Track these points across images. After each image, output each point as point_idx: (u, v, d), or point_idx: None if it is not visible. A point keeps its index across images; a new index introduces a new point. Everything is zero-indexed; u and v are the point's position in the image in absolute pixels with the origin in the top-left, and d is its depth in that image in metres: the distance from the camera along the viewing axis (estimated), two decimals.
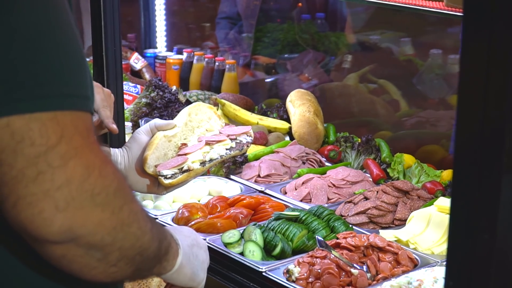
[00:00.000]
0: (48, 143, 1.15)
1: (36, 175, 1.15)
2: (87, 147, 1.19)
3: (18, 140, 1.14)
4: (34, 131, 1.15)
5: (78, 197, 1.17)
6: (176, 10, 4.65)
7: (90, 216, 1.19)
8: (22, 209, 1.16)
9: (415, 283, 2.15)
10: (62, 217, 1.16)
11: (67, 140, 1.17)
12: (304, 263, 2.29)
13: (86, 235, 1.20)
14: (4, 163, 1.15)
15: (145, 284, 2.40)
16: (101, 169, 1.20)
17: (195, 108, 1.99)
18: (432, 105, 3.35)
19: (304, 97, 3.47)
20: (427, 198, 2.78)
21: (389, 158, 3.12)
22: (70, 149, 1.17)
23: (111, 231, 1.22)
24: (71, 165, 1.16)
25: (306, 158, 3.20)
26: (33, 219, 1.16)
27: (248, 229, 2.49)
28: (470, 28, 1.04)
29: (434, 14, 2.42)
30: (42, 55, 1.17)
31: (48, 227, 1.16)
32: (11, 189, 1.15)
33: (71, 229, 1.18)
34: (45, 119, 1.15)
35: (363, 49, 3.69)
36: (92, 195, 1.18)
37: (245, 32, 4.13)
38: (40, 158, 1.15)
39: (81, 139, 1.19)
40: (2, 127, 1.14)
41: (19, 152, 1.14)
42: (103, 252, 1.24)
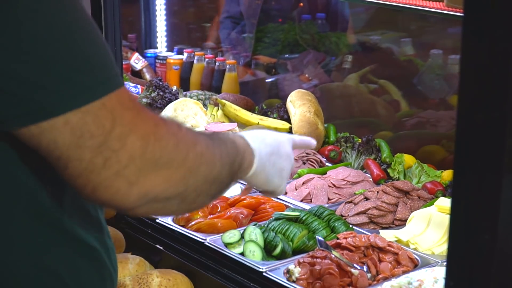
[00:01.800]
0: (105, 131, 1.25)
1: (104, 162, 1.25)
2: (137, 118, 1.28)
3: (78, 136, 1.23)
4: (90, 124, 1.24)
5: (144, 167, 1.28)
6: (176, 10, 4.64)
7: (159, 177, 1.30)
8: (101, 193, 1.28)
9: (415, 283, 2.15)
10: (136, 188, 1.29)
11: (119, 121, 1.26)
12: (305, 263, 2.29)
13: (160, 193, 1.32)
14: (73, 158, 1.25)
15: (146, 284, 2.40)
16: (155, 133, 1.30)
17: (181, 103, 1.97)
18: (433, 105, 3.35)
19: (305, 97, 3.47)
20: (428, 198, 2.78)
21: (389, 158, 3.12)
22: (124, 128, 1.26)
23: (181, 181, 1.34)
24: (130, 142, 1.26)
25: (306, 158, 3.20)
26: (112, 198, 1.29)
27: (249, 229, 2.49)
28: (470, 28, 1.04)
29: (434, 14, 2.42)
30: (76, 48, 1.24)
31: (127, 200, 1.30)
32: (87, 179, 1.27)
33: (146, 195, 1.30)
34: (96, 109, 1.24)
35: (363, 49, 3.68)
36: (155, 160, 1.29)
37: (246, 32, 4.13)
38: (102, 147, 1.25)
39: (130, 113, 1.28)
40: (61, 125, 1.23)
41: (83, 146, 1.24)
42: (180, 198, 1.36)
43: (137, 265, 2.57)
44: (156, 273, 2.45)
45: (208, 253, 2.51)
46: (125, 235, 2.77)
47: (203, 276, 2.49)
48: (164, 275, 2.45)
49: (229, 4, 4.21)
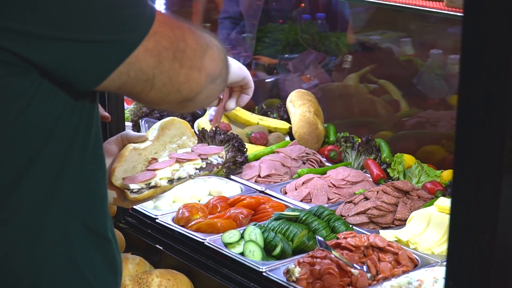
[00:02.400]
0: (171, 40, 1.43)
1: (180, 64, 1.46)
2: (177, 20, 1.48)
3: (157, 54, 1.42)
4: (161, 41, 1.42)
5: (201, 53, 1.50)
6: (176, 10, 4.64)
7: (208, 58, 1.52)
8: (184, 88, 1.49)
9: (415, 283, 2.15)
10: (204, 71, 1.51)
11: (174, 26, 1.45)
12: (304, 263, 2.29)
13: (213, 72, 1.54)
14: (159, 73, 1.44)
15: (146, 284, 2.40)
16: (190, 26, 1.50)
17: (169, 123, 1.96)
18: (433, 105, 3.35)
19: (305, 97, 3.47)
20: (427, 198, 2.78)
21: (389, 158, 3.12)
22: (179, 31, 1.46)
23: (218, 57, 1.56)
24: (189, 40, 1.47)
25: (306, 158, 3.20)
26: (192, 88, 1.51)
27: (248, 229, 2.49)
28: (470, 28, 1.04)
29: (434, 14, 2.42)
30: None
31: (199, 84, 1.52)
32: (171, 84, 1.47)
33: (209, 75, 1.53)
34: (158, 28, 1.41)
35: (363, 49, 3.68)
36: (202, 45, 1.51)
37: (247, 32, 4.13)
38: (176, 52, 1.45)
39: (171, 19, 1.47)
40: (143, 53, 1.40)
41: (163, 60, 1.43)
42: (221, 78, 1.59)
43: (137, 265, 2.57)
44: (156, 273, 2.45)
45: (208, 253, 2.51)
46: (125, 235, 2.77)
47: (203, 276, 2.49)
48: (164, 275, 2.45)
49: (227, 5, 4.21)
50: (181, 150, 1.95)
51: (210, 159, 1.96)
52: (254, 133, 3.39)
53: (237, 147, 3.12)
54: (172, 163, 1.90)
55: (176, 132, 1.96)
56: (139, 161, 1.89)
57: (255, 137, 3.37)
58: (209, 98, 1.62)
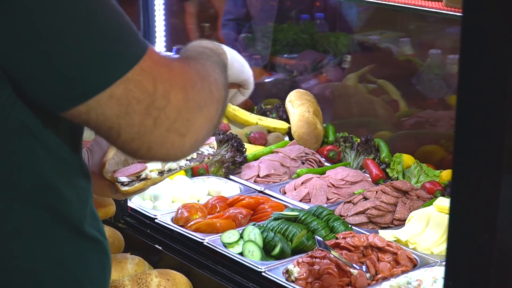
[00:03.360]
0: (149, 93, 1.29)
1: (154, 122, 1.30)
2: (172, 71, 1.33)
3: (126, 104, 1.27)
4: (134, 91, 1.28)
5: (190, 116, 1.35)
6: (175, 10, 4.64)
7: (203, 120, 1.38)
8: (157, 150, 1.34)
9: (414, 283, 2.15)
10: (188, 138, 1.35)
11: (159, 79, 1.30)
12: (304, 263, 2.29)
13: (206, 134, 1.41)
14: (125, 125, 1.29)
15: (145, 284, 2.40)
16: (189, 81, 1.35)
17: None
18: (432, 105, 3.35)
19: (304, 97, 3.47)
20: (427, 198, 2.78)
21: (388, 158, 3.12)
22: (165, 85, 1.30)
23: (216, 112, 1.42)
24: (172, 97, 1.31)
25: (305, 158, 3.20)
26: (168, 153, 1.35)
27: (248, 229, 2.49)
28: (469, 28, 1.04)
29: (433, 14, 2.42)
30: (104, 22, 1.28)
31: (181, 151, 1.37)
32: (141, 141, 1.32)
33: (197, 140, 1.39)
34: (136, 75, 1.28)
35: (362, 49, 3.68)
36: (196, 106, 1.36)
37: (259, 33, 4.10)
38: (150, 108, 1.29)
39: (165, 69, 1.32)
40: (108, 99, 1.26)
41: (131, 113, 1.28)
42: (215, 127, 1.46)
43: (136, 265, 2.57)
44: (155, 273, 2.45)
45: (207, 253, 2.51)
46: (124, 235, 2.77)
47: (202, 276, 2.49)
48: (163, 275, 2.44)
49: (231, 6, 4.19)
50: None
51: (201, 150, 1.96)
52: (253, 133, 3.39)
53: (236, 147, 3.12)
54: None
55: None
56: None
57: (254, 137, 3.37)
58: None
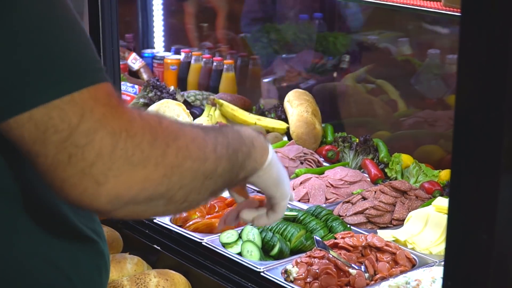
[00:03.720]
0: (71, 125, 1.18)
1: (68, 158, 1.18)
2: (110, 113, 1.20)
3: (43, 131, 1.17)
4: (55, 119, 1.17)
5: (114, 166, 1.19)
6: (174, 10, 4.64)
7: (134, 177, 1.21)
8: (69, 191, 1.20)
9: (413, 283, 2.15)
10: (105, 189, 1.20)
11: (88, 116, 1.19)
12: (302, 263, 2.29)
13: (138, 195, 1.22)
14: (40, 154, 1.19)
15: (143, 284, 2.40)
16: (128, 130, 1.21)
17: (163, 105, 1.96)
18: (430, 105, 3.35)
19: (302, 97, 3.47)
20: (425, 198, 2.78)
21: (387, 158, 3.12)
22: (93, 124, 1.19)
23: (162, 180, 1.24)
24: (98, 138, 1.19)
25: (304, 158, 3.20)
26: (81, 198, 1.21)
27: (246, 229, 2.49)
28: (468, 28, 1.04)
29: (432, 14, 2.42)
30: (47, 44, 1.19)
31: (96, 201, 1.21)
32: (53, 176, 1.20)
33: (119, 196, 1.21)
34: (63, 103, 1.18)
35: (361, 49, 3.69)
36: (127, 158, 1.20)
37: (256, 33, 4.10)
38: (66, 142, 1.18)
39: (102, 108, 1.20)
40: (26, 121, 1.18)
41: (47, 142, 1.18)
42: (165, 199, 1.26)
43: (135, 265, 2.57)
44: (153, 273, 2.45)
45: (205, 253, 2.51)
46: (122, 235, 2.77)
47: (200, 276, 2.49)
48: (161, 275, 2.44)
49: None
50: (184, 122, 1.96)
51: None
52: None
53: None
54: None
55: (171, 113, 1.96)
56: None
57: None
58: (140, 217, 1.31)
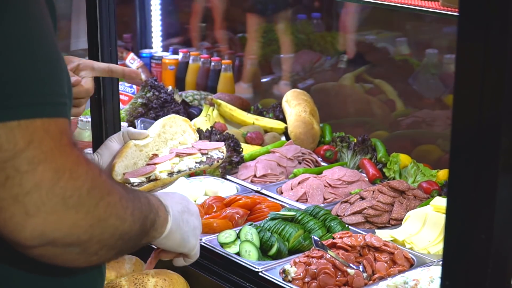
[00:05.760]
0: (16, 148, 1.15)
1: (5, 180, 1.14)
2: (58, 150, 1.18)
3: None
4: (1, 137, 1.15)
5: (49, 202, 1.16)
6: (171, 10, 4.64)
7: (64, 219, 1.18)
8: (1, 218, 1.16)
9: (411, 282, 2.15)
10: (33, 222, 1.16)
11: (36, 145, 1.16)
12: (300, 263, 2.29)
13: (61, 238, 1.20)
14: None
15: (142, 284, 2.40)
16: (72, 171, 1.19)
17: (170, 120, 1.97)
18: (428, 104, 3.35)
19: (300, 97, 3.47)
20: (423, 197, 2.78)
21: (385, 158, 3.12)
22: (39, 154, 1.16)
23: (87, 229, 1.22)
24: (40, 170, 1.16)
25: (302, 158, 3.20)
26: (5, 224, 1.16)
27: (244, 229, 2.49)
28: (465, 28, 1.04)
29: (430, 14, 2.42)
30: (9, 66, 1.17)
31: (20, 232, 1.17)
32: None
33: (44, 234, 1.18)
34: (13, 125, 1.15)
35: (359, 49, 3.69)
36: (64, 198, 1.18)
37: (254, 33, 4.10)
38: (7, 163, 1.14)
39: (52, 143, 1.18)
40: None
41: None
42: (81, 248, 1.24)
43: (133, 265, 2.57)
44: (152, 273, 2.45)
45: (204, 253, 2.51)
46: None
47: (199, 276, 2.48)
48: (160, 275, 2.44)
49: None
50: (182, 146, 1.97)
51: (210, 154, 1.97)
52: (250, 133, 3.39)
53: (233, 147, 3.12)
54: (172, 157, 1.91)
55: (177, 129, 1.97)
56: (140, 157, 1.90)
57: (251, 137, 3.37)
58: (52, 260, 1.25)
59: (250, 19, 4.07)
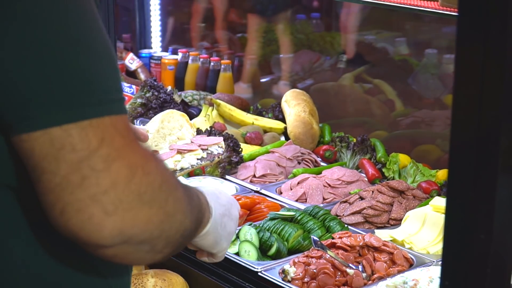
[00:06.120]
0: (90, 147, 1.14)
1: (81, 180, 1.14)
2: (128, 146, 1.18)
3: (58, 148, 1.13)
4: (74, 137, 1.14)
5: (126, 199, 1.16)
6: (171, 10, 4.64)
7: (139, 216, 1.18)
8: (71, 216, 1.15)
9: (410, 282, 2.15)
10: (112, 221, 1.16)
11: (108, 142, 1.16)
12: (300, 263, 2.29)
13: (137, 235, 1.19)
14: (47, 170, 1.14)
15: (141, 284, 2.40)
16: (144, 166, 1.19)
17: (168, 115, 1.97)
18: (427, 105, 3.35)
19: (299, 97, 3.47)
20: (423, 197, 2.78)
21: (384, 158, 3.12)
22: (112, 151, 1.16)
23: (158, 225, 1.22)
24: (115, 167, 1.15)
25: (301, 158, 3.20)
26: (83, 226, 1.15)
27: (244, 229, 2.48)
28: (465, 28, 1.04)
29: (429, 13, 2.43)
30: (75, 64, 1.17)
31: (99, 232, 1.16)
32: (57, 197, 1.14)
33: (122, 232, 1.17)
34: (85, 125, 1.15)
35: (358, 49, 3.69)
36: (139, 194, 1.18)
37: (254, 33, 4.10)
38: (83, 163, 1.14)
39: (122, 139, 1.18)
40: (40, 135, 1.13)
41: (61, 159, 1.13)
42: (151, 245, 1.23)
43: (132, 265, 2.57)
44: (151, 273, 2.45)
45: None
46: None
47: (198, 276, 2.48)
48: (159, 275, 2.44)
49: None
50: (181, 142, 1.96)
51: (210, 149, 1.97)
52: (249, 133, 3.39)
53: (232, 147, 3.12)
54: (174, 155, 1.91)
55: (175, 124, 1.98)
56: None
57: (250, 137, 3.37)
58: (122, 260, 1.24)
59: (251, 19, 4.07)
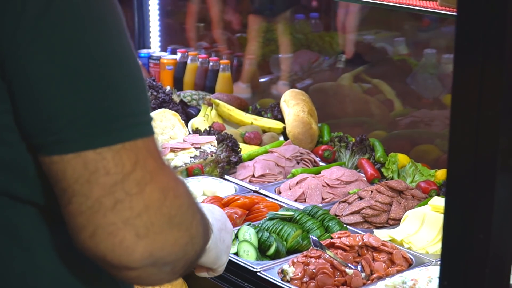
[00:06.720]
0: (124, 170, 1.14)
1: (114, 204, 1.13)
2: (160, 169, 1.18)
3: (92, 171, 1.13)
4: (109, 161, 1.14)
5: (157, 222, 1.16)
6: (170, 10, 4.64)
7: (168, 238, 1.18)
8: (102, 239, 1.14)
9: (409, 282, 2.15)
10: (144, 244, 1.15)
11: (142, 166, 1.16)
12: (299, 263, 2.29)
13: (164, 257, 1.19)
14: (78, 193, 1.14)
15: None
16: (175, 190, 1.20)
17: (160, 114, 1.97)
18: (426, 104, 3.35)
19: (298, 97, 3.47)
20: (422, 197, 2.78)
21: (383, 157, 3.12)
22: (146, 174, 1.16)
23: (184, 247, 1.22)
24: (148, 191, 1.16)
25: (300, 158, 3.20)
26: (113, 249, 1.15)
27: (243, 229, 2.48)
28: (463, 27, 1.04)
29: (428, 13, 2.43)
30: (112, 87, 1.16)
31: (129, 255, 1.16)
32: (88, 219, 1.14)
33: (152, 255, 1.17)
34: (118, 148, 1.15)
35: (357, 49, 3.69)
36: (170, 217, 1.18)
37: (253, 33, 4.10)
38: (117, 187, 1.14)
39: (154, 162, 1.18)
40: (73, 157, 1.13)
41: (93, 182, 1.13)
42: (172, 266, 1.23)
43: None
44: None
45: None
46: None
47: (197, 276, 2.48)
48: None
49: None
50: (174, 141, 1.96)
51: (203, 148, 1.96)
52: (248, 133, 3.39)
53: (231, 147, 3.12)
54: (167, 153, 1.90)
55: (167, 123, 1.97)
56: None
57: (249, 137, 3.37)
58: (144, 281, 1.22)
59: (250, 19, 4.07)
